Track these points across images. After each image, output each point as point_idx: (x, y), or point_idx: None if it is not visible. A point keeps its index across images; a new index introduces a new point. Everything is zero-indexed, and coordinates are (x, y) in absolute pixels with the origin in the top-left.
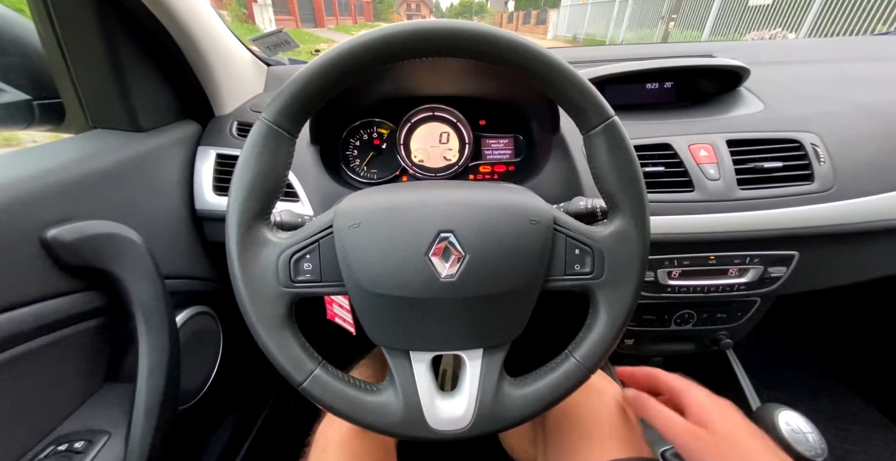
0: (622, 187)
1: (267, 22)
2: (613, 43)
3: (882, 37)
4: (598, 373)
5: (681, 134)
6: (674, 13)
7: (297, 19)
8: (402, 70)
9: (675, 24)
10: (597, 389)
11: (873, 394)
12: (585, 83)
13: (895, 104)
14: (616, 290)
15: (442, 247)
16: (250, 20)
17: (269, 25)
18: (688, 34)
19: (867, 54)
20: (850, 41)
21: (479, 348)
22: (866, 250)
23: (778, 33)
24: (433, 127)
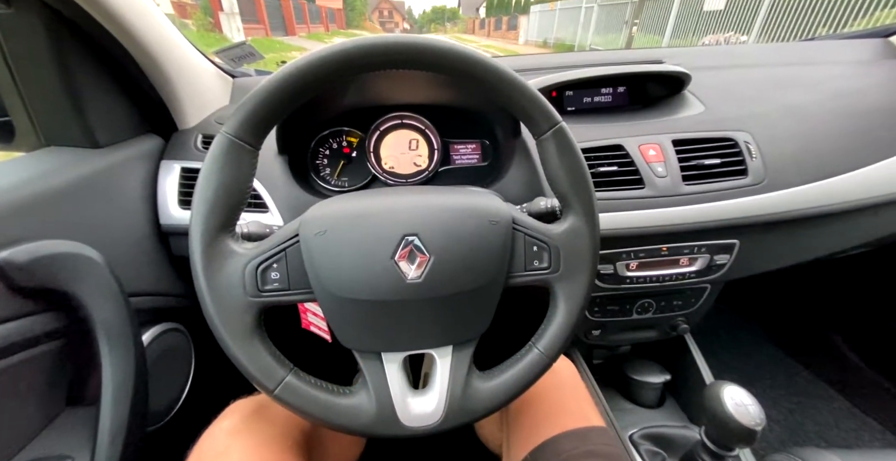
0: (572, 188)
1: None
2: (582, 47)
3: (809, 42)
4: None
5: (632, 135)
6: (636, 19)
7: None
8: (369, 80)
9: (637, 28)
10: (553, 369)
11: (819, 368)
12: (534, 92)
13: (815, 105)
14: (572, 282)
15: (407, 250)
16: (217, 29)
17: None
18: (650, 38)
19: (795, 59)
20: (781, 47)
21: (448, 345)
22: (796, 236)
23: (731, 36)
24: (402, 134)
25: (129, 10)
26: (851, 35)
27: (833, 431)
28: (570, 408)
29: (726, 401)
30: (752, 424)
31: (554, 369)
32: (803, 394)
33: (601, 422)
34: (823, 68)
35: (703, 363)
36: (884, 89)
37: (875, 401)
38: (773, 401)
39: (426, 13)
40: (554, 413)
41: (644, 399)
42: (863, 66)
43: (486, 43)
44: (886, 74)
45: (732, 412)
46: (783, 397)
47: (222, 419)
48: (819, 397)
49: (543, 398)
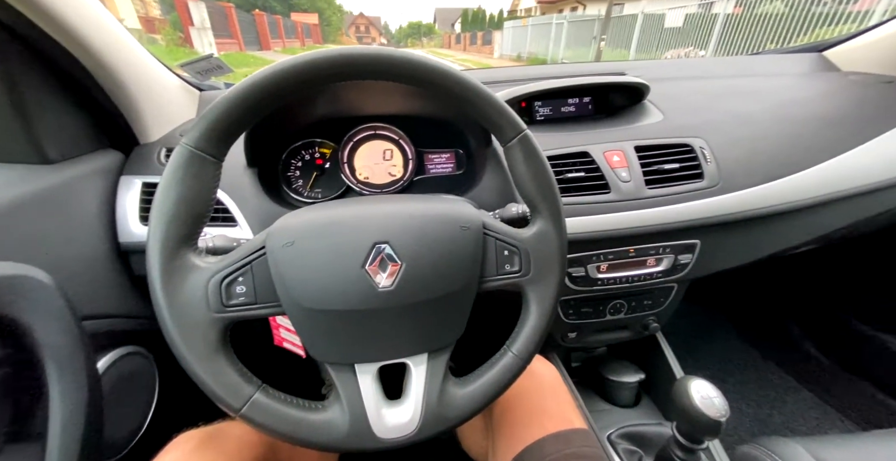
0: (539, 193)
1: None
2: (554, 60)
3: (755, 56)
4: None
5: (597, 142)
6: (603, 34)
7: (240, 42)
8: (340, 91)
9: (605, 43)
10: (535, 373)
11: (784, 362)
12: (499, 101)
13: (760, 113)
14: (542, 284)
15: (379, 258)
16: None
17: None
18: (618, 52)
19: (743, 71)
20: (731, 60)
21: (423, 353)
22: (750, 235)
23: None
24: (376, 145)
25: (82, 22)
26: (792, 50)
27: (798, 421)
28: (552, 411)
29: (693, 395)
30: (718, 416)
31: (535, 372)
32: (770, 386)
33: (583, 424)
34: (767, 80)
35: (674, 360)
36: (819, 99)
37: (833, 390)
38: (743, 394)
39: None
40: (536, 416)
41: (620, 399)
42: (801, 77)
43: (462, 57)
44: (822, 85)
45: (699, 405)
46: (752, 391)
47: (166, 454)
48: (784, 389)
49: (526, 402)
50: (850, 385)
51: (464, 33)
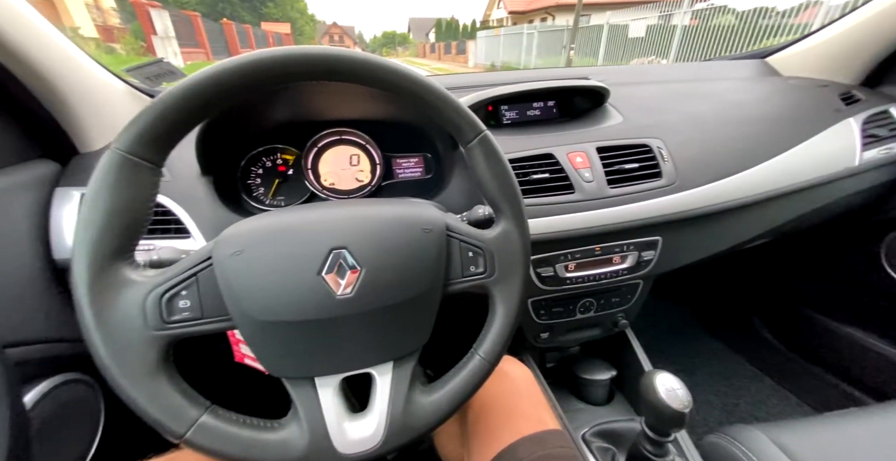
0: (501, 193)
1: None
2: (527, 68)
3: (706, 62)
4: (506, 358)
5: (561, 144)
6: (572, 44)
7: (207, 51)
8: (302, 95)
9: (575, 52)
10: (508, 375)
11: (747, 352)
12: (458, 103)
13: (710, 114)
14: (507, 284)
15: (337, 264)
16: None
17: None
18: (586, 60)
19: (695, 76)
20: (684, 66)
21: (388, 361)
22: (707, 230)
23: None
24: (342, 150)
25: (7, 26)
26: (739, 56)
27: (762, 408)
28: (526, 413)
29: (658, 388)
30: (681, 407)
31: (508, 375)
32: (735, 377)
33: (557, 424)
34: (717, 84)
35: (643, 355)
36: (762, 102)
37: (791, 377)
38: (711, 386)
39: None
40: (511, 419)
41: (594, 397)
42: (747, 81)
43: (437, 66)
44: (765, 89)
45: (664, 398)
46: (718, 382)
47: None
48: (748, 378)
49: (499, 405)
50: (806, 371)
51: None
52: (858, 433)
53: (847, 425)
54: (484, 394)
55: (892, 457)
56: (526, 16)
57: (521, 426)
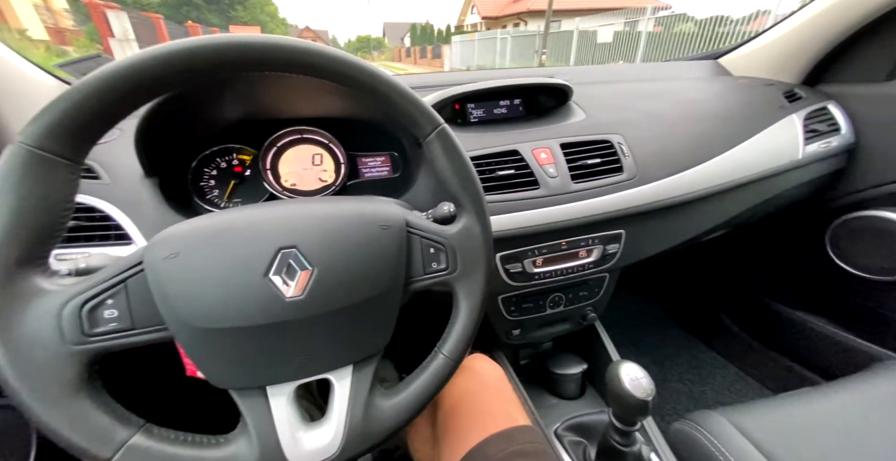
0: (461, 187)
1: None
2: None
3: (664, 63)
4: (476, 356)
5: (526, 141)
6: (544, 48)
7: None
8: (258, 91)
9: (547, 57)
10: (478, 373)
11: (712, 341)
12: (414, 95)
13: (668, 111)
14: (469, 280)
15: (285, 265)
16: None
17: None
18: (559, 64)
19: (654, 76)
20: (643, 66)
21: (348, 365)
22: (668, 222)
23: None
24: (304, 149)
25: None
26: (694, 57)
27: (725, 394)
28: (495, 411)
29: (623, 378)
30: (644, 395)
31: (479, 373)
32: (702, 365)
33: (526, 420)
34: (674, 83)
35: (611, 347)
36: (715, 99)
37: (753, 363)
38: (679, 375)
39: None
40: (481, 418)
41: (566, 391)
42: (701, 81)
43: (414, 70)
44: (717, 87)
45: (629, 387)
46: (686, 371)
47: None
48: (714, 366)
49: (469, 404)
50: (766, 357)
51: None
52: (807, 411)
53: (799, 405)
54: (453, 394)
55: (834, 431)
56: (499, 21)
57: (490, 424)
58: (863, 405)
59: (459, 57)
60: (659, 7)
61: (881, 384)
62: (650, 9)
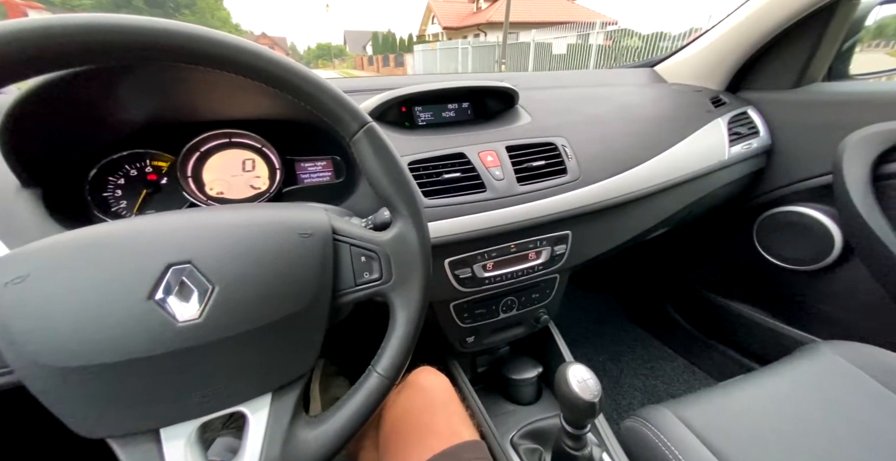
0: (394, 189)
1: None
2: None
3: (606, 70)
4: (423, 369)
5: (472, 144)
6: (503, 59)
7: None
8: (165, 87)
9: (506, 66)
10: (423, 389)
11: (662, 334)
12: (339, 92)
13: (609, 114)
14: (405, 289)
15: (177, 283)
16: None
17: None
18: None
19: (596, 82)
20: (587, 72)
21: (265, 393)
22: (612, 222)
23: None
24: (232, 154)
25: None
26: (633, 65)
27: (675, 385)
28: (439, 429)
29: (570, 380)
30: (591, 397)
31: (424, 388)
32: (653, 359)
33: (474, 435)
34: (614, 89)
35: (564, 348)
36: (651, 104)
37: (698, 354)
38: (634, 371)
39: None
40: (423, 437)
41: (522, 396)
42: (638, 86)
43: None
44: (653, 93)
45: (576, 389)
46: (640, 365)
47: None
48: (665, 359)
49: (412, 424)
50: (709, 347)
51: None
52: (743, 398)
53: (736, 392)
54: (395, 413)
55: (766, 416)
56: (459, 31)
57: (434, 443)
58: (790, 388)
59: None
60: (607, 22)
61: (804, 367)
62: (599, 23)
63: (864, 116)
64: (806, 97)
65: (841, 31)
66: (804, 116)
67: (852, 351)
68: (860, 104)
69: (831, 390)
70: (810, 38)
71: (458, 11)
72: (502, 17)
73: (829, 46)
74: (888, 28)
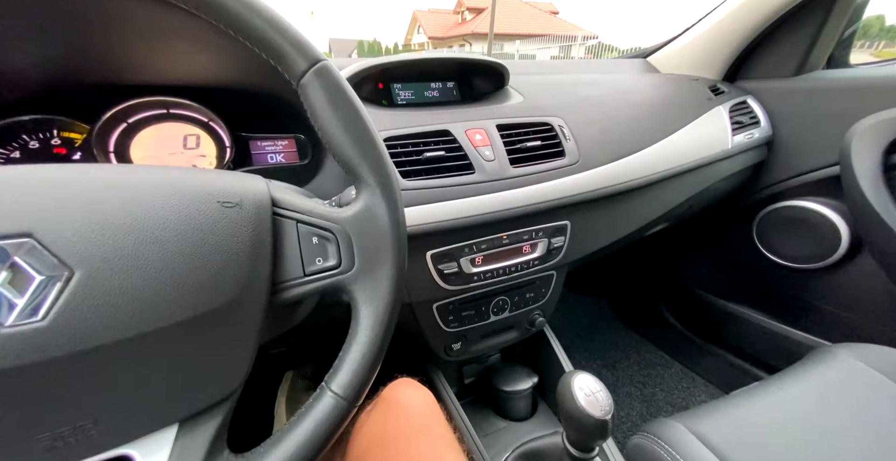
0: (357, 150)
1: None
2: None
3: (598, 60)
4: (402, 382)
5: (458, 121)
6: None
7: None
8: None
9: None
10: (401, 407)
11: (657, 339)
12: (283, 19)
13: (607, 97)
14: (372, 280)
15: (3, 266)
16: None
17: None
18: None
19: (590, 70)
20: (579, 62)
21: (169, 425)
22: (613, 211)
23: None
24: (171, 128)
25: None
26: (625, 57)
27: (675, 393)
28: (420, 458)
29: (577, 394)
30: (602, 414)
31: (402, 406)
32: (650, 365)
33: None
34: (609, 75)
35: (562, 355)
36: (650, 90)
37: (697, 360)
38: (631, 378)
39: None
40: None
41: (515, 411)
42: (633, 74)
43: None
44: (650, 80)
45: (584, 404)
46: (637, 372)
47: None
48: (662, 365)
49: (387, 451)
50: (707, 352)
51: None
52: (758, 409)
53: (752, 402)
54: (365, 440)
55: (786, 427)
56: (445, 41)
57: None
58: (810, 397)
59: None
60: (587, 36)
61: (821, 373)
62: (580, 36)
63: (871, 103)
64: (808, 85)
65: (844, 15)
66: (807, 105)
67: (870, 353)
68: (867, 90)
69: (854, 397)
70: (813, 24)
71: (444, 22)
72: (487, 28)
73: (832, 32)
74: (872, 28)
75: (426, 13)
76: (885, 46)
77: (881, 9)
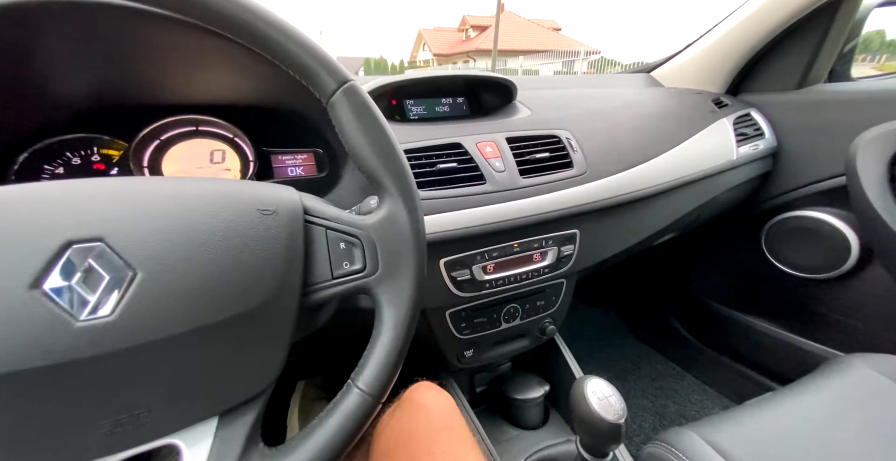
0: (381, 163)
1: None
2: None
3: (603, 75)
4: (423, 384)
5: (469, 134)
6: None
7: None
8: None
9: None
10: (423, 407)
11: (668, 350)
12: (314, 43)
13: (613, 109)
14: (394, 282)
15: (80, 267)
16: None
17: None
18: None
19: (595, 84)
20: (584, 77)
21: (210, 418)
22: (621, 221)
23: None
24: (199, 144)
25: None
26: (629, 71)
27: (688, 405)
28: (441, 456)
29: (590, 397)
30: (616, 418)
31: (424, 407)
32: (661, 377)
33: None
34: (614, 89)
35: (573, 363)
36: (654, 102)
37: (709, 372)
38: (642, 390)
39: None
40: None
41: (528, 419)
42: (637, 88)
43: None
44: (654, 93)
45: (597, 408)
46: (648, 384)
47: None
48: (673, 377)
49: (411, 448)
50: (718, 363)
51: None
52: (774, 419)
53: (766, 411)
54: (388, 439)
55: (803, 437)
56: (450, 58)
57: None
58: (825, 406)
59: None
60: (590, 51)
61: (836, 382)
62: (583, 51)
63: (874, 115)
64: (811, 97)
65: (844, 29)
66: (810, 117)
67: (886, 363)
68: (870, 102)
69: (870, 407)
70: (814, 38)
71: (448, 39)
72: (490, 45)
73: (832, 47)
74: (873, 43)
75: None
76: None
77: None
